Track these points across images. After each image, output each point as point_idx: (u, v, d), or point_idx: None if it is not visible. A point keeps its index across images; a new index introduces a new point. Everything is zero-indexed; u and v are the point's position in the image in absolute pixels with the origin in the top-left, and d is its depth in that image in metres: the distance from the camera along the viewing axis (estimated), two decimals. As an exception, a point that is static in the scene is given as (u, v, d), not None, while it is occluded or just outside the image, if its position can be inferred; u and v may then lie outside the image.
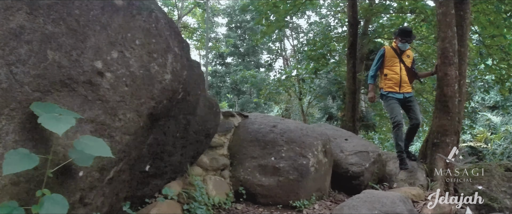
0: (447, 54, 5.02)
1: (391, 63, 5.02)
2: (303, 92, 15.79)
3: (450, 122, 4.94)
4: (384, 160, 5.05)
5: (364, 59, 11.30)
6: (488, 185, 5.42)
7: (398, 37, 5.02)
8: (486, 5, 9.20)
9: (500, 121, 22.84)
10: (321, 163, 4.13)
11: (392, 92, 4.90)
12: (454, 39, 5.10)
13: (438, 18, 5.30)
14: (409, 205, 3.56)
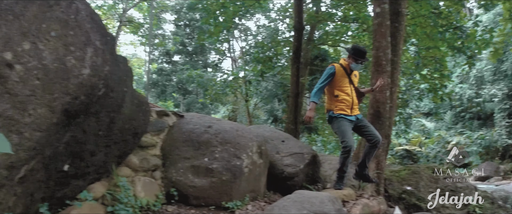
0: (380, 63, 5.26)
1: (342, 83, 4.50)
2: (249, 94, 15.86)
3: (381, 126, 5.17)
4: (319, 161, 5.17)
5: (308, 64, 11.59)
6: (416, 185, 5.76)
7: (352, 56, 4.49)
8: (423, 19, 9.77)
9: (434, 126, 24.57)
10: (255, 164, 4.14)
11: (343, 114, 4.43)
12: (388, 49, 5.35)
13: (374, 28, 5.54)
14: (338, 205, 3.65)
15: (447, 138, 22.31)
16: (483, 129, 21.75)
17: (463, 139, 21.50)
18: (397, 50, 5.68)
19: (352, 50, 4.57)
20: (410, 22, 10.22)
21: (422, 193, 5.56)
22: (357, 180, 4.96)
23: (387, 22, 5.46)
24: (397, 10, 5.97)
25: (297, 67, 9.70)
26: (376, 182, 5.08)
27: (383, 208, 5.04)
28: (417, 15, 9.75)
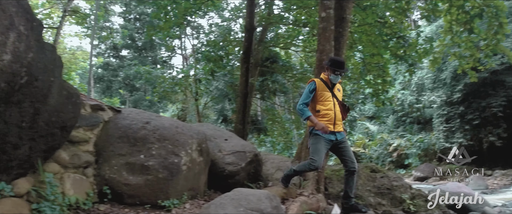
0: (323, 65, 5.39)
1: (324, 98, 4.29)
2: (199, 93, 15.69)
3: (323, 126, 5.30)
4: (261, 160, 5.21)
5: (259, 65, 11.68)
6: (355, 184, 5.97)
7: (330, 68, 4.30)
8: (369, 27, 10.18)
9: (377, 129, 25.83)
10: (195, 162, 4.08)
11: (323, 132, 4.18)
12: (331, 53, 5.51)
13: (318, 32, 5.69)
14: (275, 202, 3.70)
15: (389, 140, 23.48)
16: (422, 132, 23.14)
17: (403, 142, 22.74)
18: (340, 55, 5.86)
19: (330, 62, 4.37)
20: (357, 29, 10.65)
21: (360, 191, 5.77)
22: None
23: (332, 27, 5.62)
24: (342, 16, 6.17)
25: (247, 67, 9.74)
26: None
27: (322, 206, 5.18)
28: (363, 23, 10.16)
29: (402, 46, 10.59)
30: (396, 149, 22.82)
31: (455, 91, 18.80)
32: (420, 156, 21.85)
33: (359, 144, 24.47)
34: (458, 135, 18.99)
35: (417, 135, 22.88)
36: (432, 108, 21.49)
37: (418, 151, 21.76)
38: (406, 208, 5.69)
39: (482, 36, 9.29)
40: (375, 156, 23.77)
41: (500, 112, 17.69)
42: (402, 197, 5.71)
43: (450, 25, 9.56)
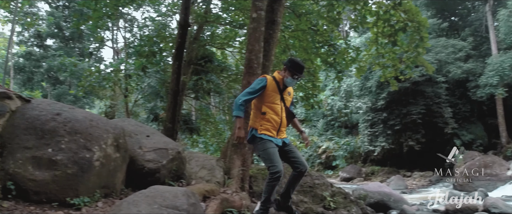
0: (252, 65, 5.45)
1: (272, 99, 3.83)
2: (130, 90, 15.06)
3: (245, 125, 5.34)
4: (185, 157, 5.11)
5: (192, 63, 11.49)
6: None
7: (289, 70, 3.85)
8: (302, 33, 10.48)
9: (308, 132, 26.85)
10: (110, 158, 3.88)
11: (267, 135, 3.79)
12: (260, 53, 5.58)
13: (249, 32, 5.75)
14: (193, 200, 3.63)
15: (319, 143, 24.49)
16: (349, 136, 24.47)
17: (332, 144, 23.85)
18: (269, 56, 5.96)
19: (289, 63, 3.91)
20: (291, 34, 10.95)
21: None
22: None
23: (262, 28, 5.71)
24: (273, 18, 6.29)
25: (179, 64, 9.52)
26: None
27: (245, 204, 5.21)
28: (297, 29, 10.46)
29: (332, 54, 11.06)
30: (325, 151, 23.87)
31: (380, 98, 20.14)
32: (347, 158, 23.09)
33: (291, 146, 25.24)
34: (381, 139, 20.37)
35: (345, 138, 24.13)
36: (358, 114, 22.81)
37: (345, 153, 22.98)
38: (326, 205, 5.94)
39: (404, 49, 9.98)
40: (305, 157, 24.67)
41: (419, 119, 19.27)
42: (323, 195, 5.96)
43: (376, 37, 10.14)
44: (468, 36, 23.43)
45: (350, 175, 20.95)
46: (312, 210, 5.67)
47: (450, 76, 20.25)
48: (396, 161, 20.60)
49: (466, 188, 13.24)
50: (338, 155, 23.25)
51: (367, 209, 6.36)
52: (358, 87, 21.81)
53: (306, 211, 5.64)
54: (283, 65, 3.97)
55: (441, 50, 20.63)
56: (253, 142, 3.89)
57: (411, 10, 9.48)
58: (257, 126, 3.84)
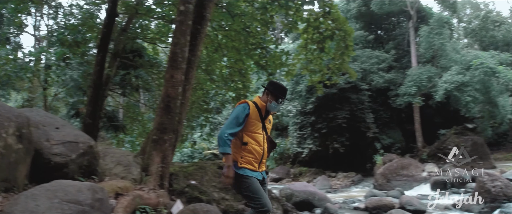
0: (176, 59, 5.32)
1: (254, 128, 3.40)
2: (50, 82, 13.97)
3: (170, 121, 5.21)
4: (98, 152, 4.83)
5: (119, 55, 10.94)
6: (201, 180, 6.03)
7: (272, 94, 3.45)
8: (235, 34, 10.50)
9: (239, 134, 27.08)
10: (11, 149, 3.54)
11: (250, 170, 3.35)
12: (185, 47, 5.47)
13: (175, 25, 5.61)
14: (100, 195, 3.44)
15: (250, 145, 24.73)
16: (280, 138, 25.01)
17: (263, 146, 24.22)
18: (196, 51, 5.88)
19: (272, 86, 3.52)
20: (223, 33, 10.92)
21: (205, 187, 5.85)
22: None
23: (189, 22, 5.60)
24: (202, 14, 6.22)
25: (103, 56, 9.06)
26: None
27: (163, 201, 5.05)
28: (231, 29, 10.47)
29: (264, 56, 11.24)
30: (257, 153, 24.16)
31: (309, 103, 20.90)
32: (277, 159, 23.61)
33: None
34: (309, 141, 21.12)
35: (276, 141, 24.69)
36: (288, 117, 23.43)
37: (274, 154, 23.45)
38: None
39: (331, 55, 10.44)
40: (237, 159, 24.78)
41: (344, 123, 20.28)
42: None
43: (306, 42, 10.49)
44: (392, 49, 25.25)
45: (279, 176, 21.40)
46: (233, 207, 5.67)
47: (373, 85, 21.66)
48: (322, 162, 21.47)
49: (385, 188, 14.09)
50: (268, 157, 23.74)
51: (288, 205, 6.51)
52: (289, 91, 22.44)
53: (227, 208, 5.62)
54: (265, 89, 3.55)
55: (366, 60, 22.01)
56: (236, 179, 3.33)
57: (339, 19, 9.95)
58: (237, 158, 3.34)
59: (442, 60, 22.57)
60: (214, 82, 12.46)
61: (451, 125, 20.17)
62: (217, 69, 11.89)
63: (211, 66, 11.74)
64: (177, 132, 5.50)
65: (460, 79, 19.42)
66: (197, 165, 6.22)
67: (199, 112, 12.91)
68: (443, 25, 23.04)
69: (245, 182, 3.31)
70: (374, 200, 9.35)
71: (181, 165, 6.52)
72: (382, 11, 24.40)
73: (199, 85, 12.17)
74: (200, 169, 6.11)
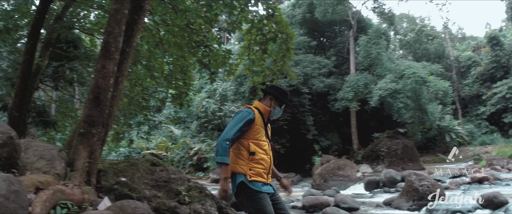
0: (109, 48, 5.10)
1: (259, 136, 3.09)
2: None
3: (100, 113, 4.99)
4: (19, 145, 4.48)
5: (51, 45, 10.26)
6: (132, 177, 5.81)
7: (276, 98, 3.25)
8: (179, 30, 10.31)
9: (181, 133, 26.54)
10: None
11: (260, 182, 2.99)
12: (119, 37, 5.26)
13: (110, 13, 5.39)
14: (16, 187, 3.23)
15: (191, 144, 24.40)
16: (222, 140, 24.98)
17: (204, 146, 23.99)
18: (131, 42, 5.68)
19: (276, 91, 3.26)
20: (165, 28, 10.68)
21: (136, 184, 5.65)
22: None
23: (125, 11, 5.40)
24: (140, 4, 6.03)
25: (34, 44, 8.47)
26: None
27: (89, 198, 4.80)
28: (174, 24, 10.27)
29: (207, 55, 11.16)
30: (197, 153, 23.88)
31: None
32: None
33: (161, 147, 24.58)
34: (250, 143, 21.31)
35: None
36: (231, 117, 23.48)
37: (215, 156, 23.37)
38: (181, 200, 5.86)
39: (273, 57, 10.62)
40: (177, 159, 24.32)
41: (285, 125, 20.71)
42: (179, 189, 5.87)
43: (249, 43, 10.59)
44: (332, 55, 26.31)
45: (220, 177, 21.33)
46: (165, 205, 5.53)
47: (313, 89, 22.40)
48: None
49: (322, 187, 14.50)
50: (210, 157, 23.49)
51: (222, 202, 6.49)
52: (232, 91, 22.50)
53: (158, 205, 5.47)
54: (266, 94, 3.30)
55: (308, 65, 22.73)
56: (242, 191, 2.95)
57: (282, 22, 10.16)
58: (245, 170, 2.95)
59: (378, 69, 23.92)
60: (154, 79, 12.14)
61: (385, 129, 21.44)
62: (158, 65, 11.60)
63: (152, 62, 11.42)
64: (107, 126, 5.26)
65: (394, 87, 20.68)
66: (128, 162, 6.00)
67: (137, 109, 12.49)
68: (380, 36, 24.46)
69: (257, 200, 2.91)
70: (311, 199, 9.64)
71: (111, 162, 6.25)
72: (325, 19, 25.34)
73: (139, 81, 11.81)
74: (132, 166, 5.90)
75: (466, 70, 34.39)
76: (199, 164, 23.80)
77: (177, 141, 25.58)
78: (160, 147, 24.49)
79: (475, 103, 32.04)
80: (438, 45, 34.57)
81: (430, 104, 22.94)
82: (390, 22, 30.75)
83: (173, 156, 24.32)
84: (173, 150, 24.58)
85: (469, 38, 52.89)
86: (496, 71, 31.17)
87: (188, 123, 26.68)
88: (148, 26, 10.57)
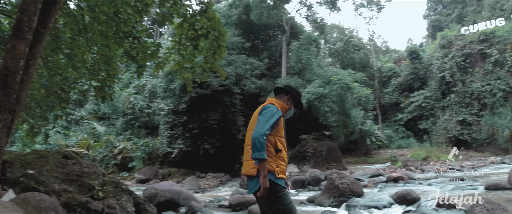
0: (21, 28, 4.67)
1: (281, 133, 3.10)
2: None
3: (7, 98, 4.53)
4: None
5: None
6: (40, 169, 5.38)
7: (293, 99, 3.31)
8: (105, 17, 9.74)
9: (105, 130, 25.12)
10: None
11: (284, 179, 3.05)
12: (34, 16, 4.84)
13: (25, -11, 4.93)
14: None
15: (115, 142, 23.25)
16: (149, 137, 24.10)
17: (130, 145, 22.99)
18: (47, 23, 5.24)
19: (294, 91, 3.30)
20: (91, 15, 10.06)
21: (44, 177, 5.24)
22: None
23: (42, -13, 4.99)
24: (60, -16, 5.61)
25: None
26: None
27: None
28: (100, 11, 9.71)
29: (135, 47, 10.71)
30: (122, 152, 22.82)
31: (182, 102, 20.68)
32: (144, 160, 22.64)
33: (83, 145, 23.07)
34: (179, 141, 20.82)
35: (144, 139, 23.63)
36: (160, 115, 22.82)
37: (142, 154, 22.46)
38: (95, 195, 5.54)
39: (204, 53, 10.50)
40: (100, 158, 23.00)
41: (215, 124, 20.59)
42: (92, 184, 5.54)
43: (180, 37, 10.36)
44: (265, 58, 26.81)
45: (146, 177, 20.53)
46: (76, 200, 5.18)
47: (245, 90, 22.60)
48: (192, 163, 21.40)
49: (250, 186, 14.74)
50: (135, 156, 22.54)
51: (139, 198, 6.24)
52: (162, 88, 21.86)
53: (68, 200, 5.11)
54: (284, 93, 3.30)
55: (241, 65, 22.91)
56: (272, 188, 2.91)
57: (215, 19, 10.10)
58: (273, 167, 2.96)
59: (307, 74, 24.84)
60: (76, 69, 11.36)
61: (311, 131, 22.30)
62: (80, 54, 10.87)
63: (75, 51, 10.68)
64: (14, 113, 4.78)
65: (321, 91, 21.60)
66: (37, 154, 5.53)
67: (55, 101, 11.60)
68: (311, 43, 25.46)
69: (284, 196, 2.94)
70: (238, 197, 9.66)
71: (19, 153, 5.72)
72: (260, 22, 25.76)
73: (59, 71, 10.99)
74: (41, 158, 5.45)
75: (387, 80, 37.16)
76: (124, 163, 22.73)
77: (100, 138, 24.19)
78: (81, 145, 22.96)
79: (394, 111, 34.76)
80: (364, 55, 36.91)
81: (354, 109, 24.34)
82: (321, 31, 32.14)
83: (95, 154, 22.94)
84: (96, 148, 23.18)
85: (392, 51, 57.30)
86: (414, 82, 34.26)
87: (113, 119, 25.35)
88: (73, 11, 9.90)
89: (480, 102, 27.95)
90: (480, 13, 42.13)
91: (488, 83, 27.66)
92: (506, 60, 27.31)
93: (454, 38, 31.09)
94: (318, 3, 29.09)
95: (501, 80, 27.00)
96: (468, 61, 29.34)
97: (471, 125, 27.84)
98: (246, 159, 3.11)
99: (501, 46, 27.96)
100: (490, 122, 26.07)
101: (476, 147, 27.06)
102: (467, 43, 29.80)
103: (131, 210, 5.78)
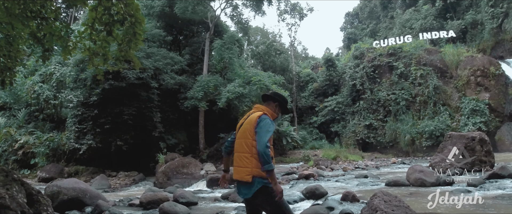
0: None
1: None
2: None
3: None
4: None
5: None
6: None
7: (280, 106, 3.51)
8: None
9: (4, 122, 22.50)
10: None
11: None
12: None
13: None
14: None
15: (16, 136, 20.98)
16: (55, 131, 22.12)
17: (32, 139, 20.90)
18: None
19: (281, 99, 3.50)
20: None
21: None
22: None
23: None
24: None
25: None
26: None
27: None
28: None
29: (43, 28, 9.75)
30: (23, 146, 20.66)
31: (93, 94, 19.33)
32: (48, 156, 20.71)
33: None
34: (88, 137, 19.40)
35: (49, 134, 21.63)
36: (68, 107, 21.08)
37: (46, 150, 20.53)
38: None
39: (118, 41, 9.87)
40: (-1, 153, 20.55)
41: (130, 120, 19.60)
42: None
43: (93, 21, 9.63)
44: (187, 53, 26.31)
45: (50, 175, 18.73)
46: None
47: (164, 85, 21.90)
48: (103, 160, 20.11)
49: (165, 185, 14.32)
50: (38, 152, 20.49)
51: (33, 189, 5.62)
52: (72, 78, 20.19)
53: None
54: (272, 100, 3.51)
55: (161, 59, 22.14)
56: (264, 195, 3.25)
57: (132, 5, 9.53)
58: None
59: (229, 73, 24.92)
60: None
61: (231, 130, 22.24)
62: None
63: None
64: None
65: (241, 91, 21.78)
66: None
67: None
68: (234, 42, 25.59)
69: (281, 200, 3.23)
70: (149, 195, 9.24)
71: None
72: (184, 17, 25.22)
73: None
74: None
75: (304, 85, 38.94)
76: (25, 160, 20.57)
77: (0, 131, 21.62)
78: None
79: (309, 114, 36.55)
80: (284, 60, 38.27)
81: (271, 110, 24.87)
82: (245, 32, 32.51)
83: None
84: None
85: (311, 58, 60.29)
86: (328, 88, 36.50)
87: (14, 110, 22.80)
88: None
89: (386, 109, 30.84)
90: (391, 30, 46.37)
91: (393, 92, 30.64)
92: (410, 73, 30.58)
93: (366, 50, 33.86)
94: (244, 5, 29.39)
95: (404, 91, 30.12)
96: (377, 72, 32.23)
97: (376, 129, 30.52)
98: (238, 165, 3.38)
99: (407, 60, 31.24)
100: (394, 127, 29.00)
101: (380, 149, 29.87)
102: (377, 56, 32.67)
103: (22, 201, 5.16)
